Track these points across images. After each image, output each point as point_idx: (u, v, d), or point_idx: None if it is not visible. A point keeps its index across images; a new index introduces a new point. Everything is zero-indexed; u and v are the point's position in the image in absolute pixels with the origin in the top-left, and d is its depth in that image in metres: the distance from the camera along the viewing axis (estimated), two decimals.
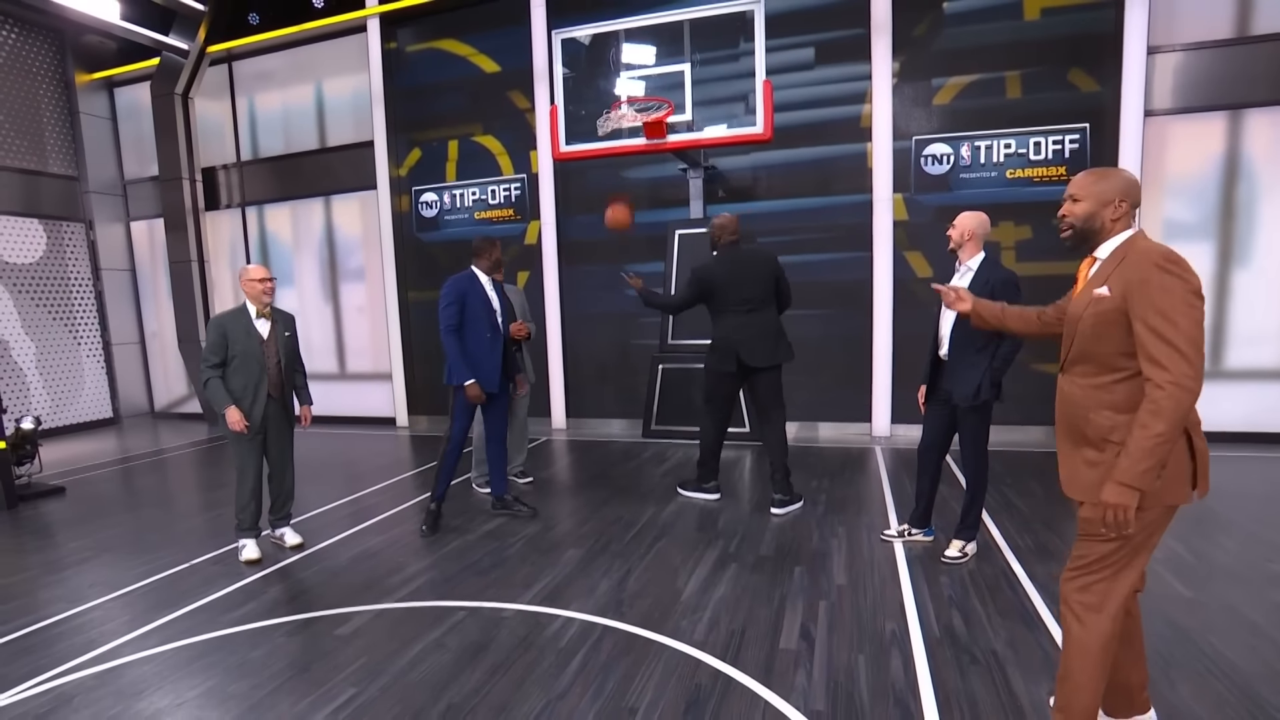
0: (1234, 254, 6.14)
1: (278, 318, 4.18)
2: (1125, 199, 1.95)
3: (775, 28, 6.66)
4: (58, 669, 2.89)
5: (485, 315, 4.48)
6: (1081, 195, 1.99)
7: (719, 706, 2.48)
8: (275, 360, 4.12)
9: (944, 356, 3.63)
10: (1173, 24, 6.07)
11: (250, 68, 9.04)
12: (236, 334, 4.00)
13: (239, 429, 3.96)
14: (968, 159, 6.62)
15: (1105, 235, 1.98)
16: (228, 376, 4.01)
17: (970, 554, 3.74)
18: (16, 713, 2.58)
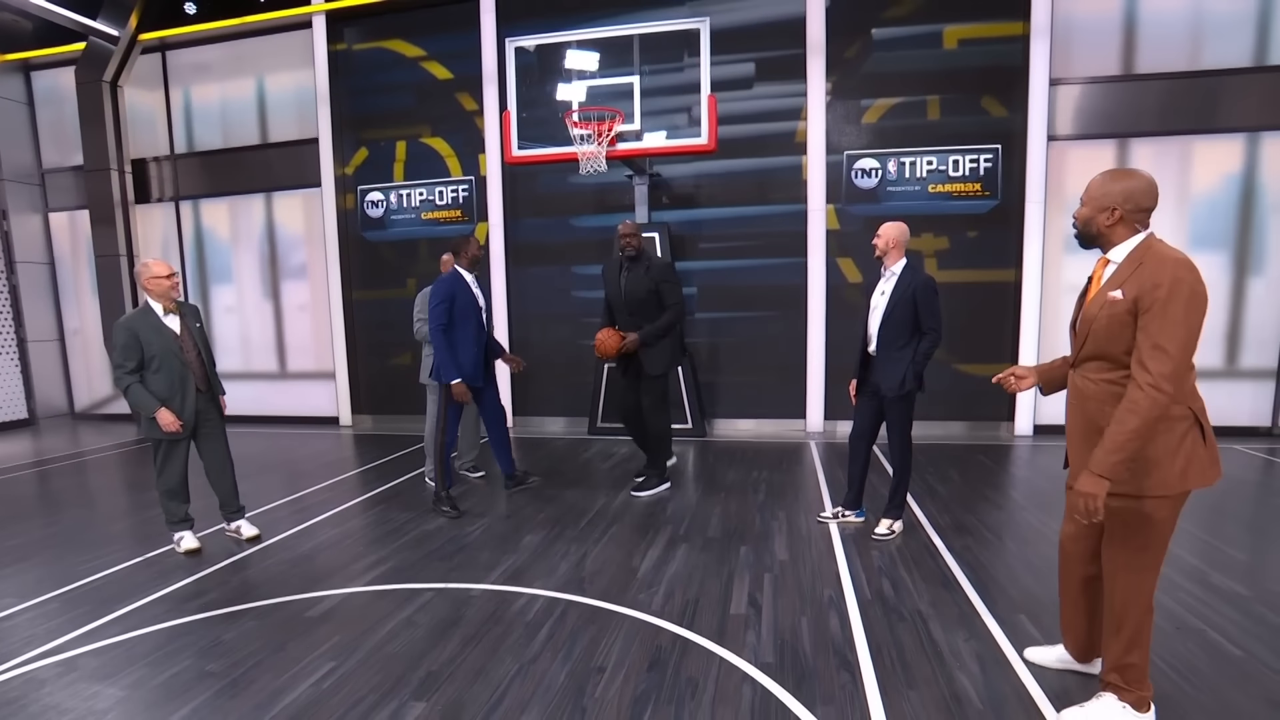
0: None
1: (184, 311, 4.07)
2: (1120, 206, 2.01)
3: (718, 44, 7.01)
4: (16, 659, 2.89)
5: (472, 313, 4.68)
6: (1085, 199, 2.11)
7: (679, 663, 2.73)
8: (195, 353, 4.05)
9: (873, 353, 4.00)
10: (1071, 60, 6.74)
11: (186, 58, 8.81)
12: (148, 335, 3.87)
13: (174, 429, 3.88)
14: (894, 174, 7.15)
15: (1106, 238, 2.08)
16: (148, 380, 3.90)
17: (897, 531, 4.13)
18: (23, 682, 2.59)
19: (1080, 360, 2.15)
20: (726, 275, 7.65)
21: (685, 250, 7.63)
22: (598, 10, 7.47)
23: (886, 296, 3.93)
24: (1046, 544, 3.97)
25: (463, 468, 5.79)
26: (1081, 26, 6.71)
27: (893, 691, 2.50)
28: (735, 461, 6.22)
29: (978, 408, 7.19)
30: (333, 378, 8.51)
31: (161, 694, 2.57)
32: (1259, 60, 6.48)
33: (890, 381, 3.90)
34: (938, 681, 2.56)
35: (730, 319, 7.69)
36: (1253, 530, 4.20)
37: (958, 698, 2.46)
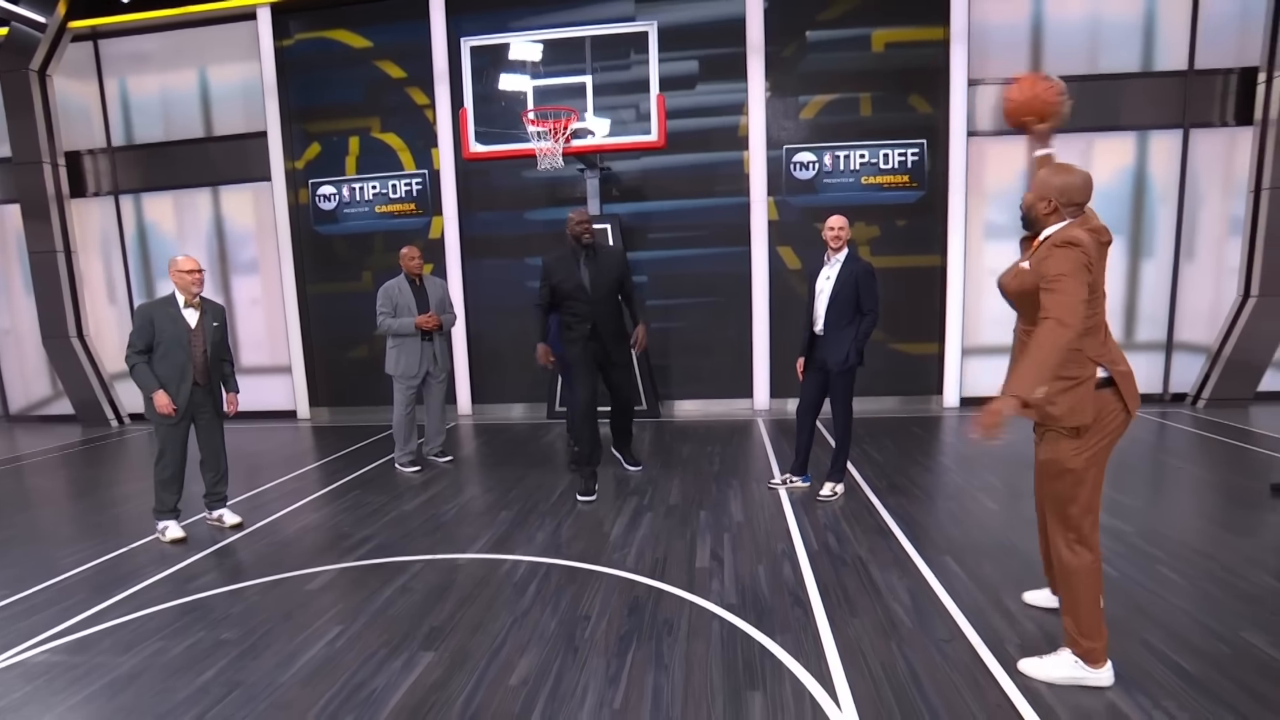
0: None
1: (207, 308, 4.31)
2: (1055, 198, 2.33)
3: (663, 42, 7.35)
4: (31, 640, 3.04)
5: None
6: (1033, 187, 2.42)
7: (655, 608, 3.11)
8: (202, 349, 4.25)
9: (819, 332, 4.45)
10: (987, 62, 7.36)
11: (121, 48, 8.59)
12: (162, 322, 4.13)
13: (167, 412, 4.11)
14: (830, 166, 7.65)
15: (1041, 223, 2.39)
16: (154, 363, 4.14)
17: (839, 493, 4.61)
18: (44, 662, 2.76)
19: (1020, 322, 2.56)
20: (675, 264, 8.04)
21: (636, 241, 7.97)
22: (545, 4, 7.70)
23: (832, 281, 4.37)
24: (969, 499, 4.52)
25: (430, 453, 6.02)
26: (995, 32, 7.33)
27: (839, 620, 2.94)
28: (689, 439, 6.64)
29: (910, 382, 7.81)
30: (289, 371, 8.54)
31: (186, 659, 2.80)
32: (1146, 66, 7.23)
33: (836, 357, 4.35)
34: (876, 610, 3.02)
35: (680, 305, 8.09)
36: (1142, 480, 4.86)
37: (892, 622, 2.91)
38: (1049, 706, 2.29)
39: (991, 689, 2.41)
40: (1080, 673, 2.40)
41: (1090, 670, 2.39)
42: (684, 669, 2.61)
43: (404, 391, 5.67)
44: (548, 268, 4.79)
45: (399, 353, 5.63)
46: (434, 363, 5.71)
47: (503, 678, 2.58)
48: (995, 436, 2.17)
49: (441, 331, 5.74)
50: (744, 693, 2.44)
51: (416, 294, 5.61)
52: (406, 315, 5.55)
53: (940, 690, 2.41)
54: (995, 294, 2.77)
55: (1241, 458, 5.33)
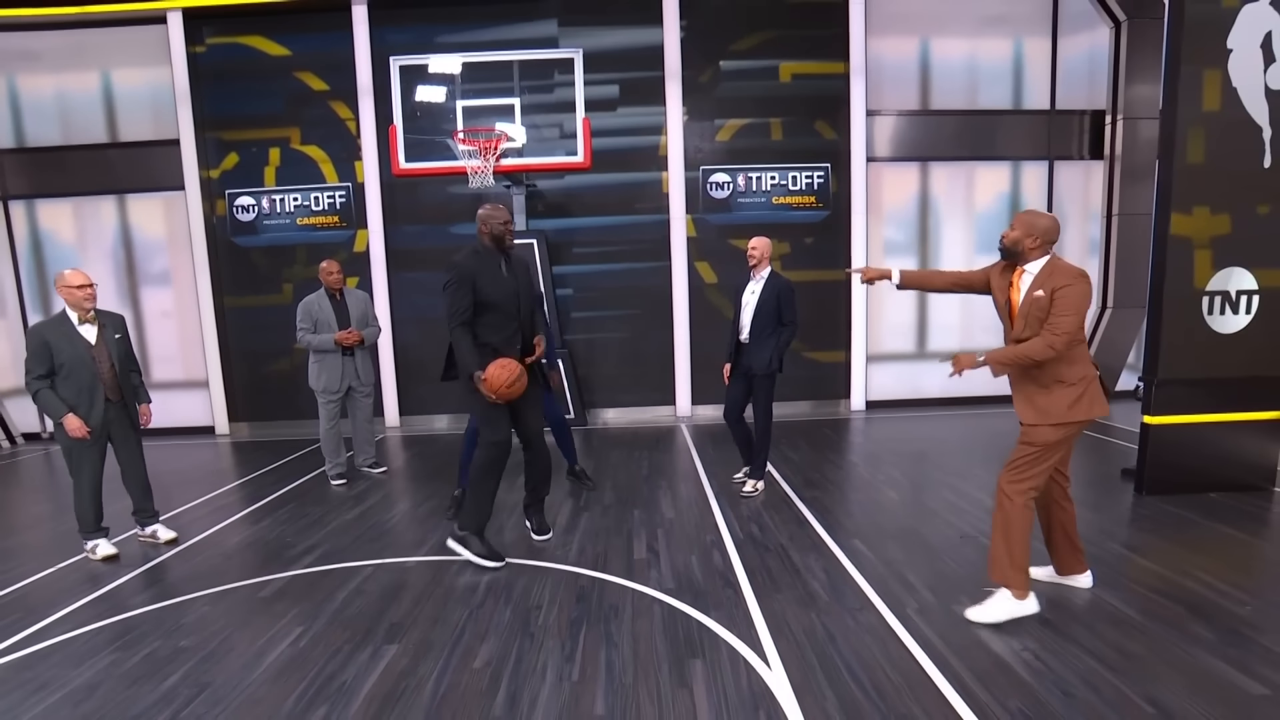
0: (928, 265, 8.35)
1: (105, 320, 4.19)
2: (1042, 236, 2.84)
3: (586, 64, 7.69)
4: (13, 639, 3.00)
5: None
6: (1016, 226, 2.89)
7: (600, 595, 3.40)
8: (108, 364, 4.13)
9: (744, 340, 4.89)
10: (883, 95, 8.10)
11: (9, 43, 8.10)
12: (59, 342, 3.97)
13: (80, 435, 4.00)
14: (744, 187, 8.19)
15: (1026, 256, 2.89)
16: (58, 385, 4.00)
17: (760, 489, 5.04)
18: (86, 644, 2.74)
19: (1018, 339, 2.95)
20: (599, 278, 8.36)
21: (561, 256, 8.24)
22: (470, 20, 7.87)
23: (756, 295, 4.83)
24: (875, 491, 5.05)
25: (362, 465, 6.05)
26: (889, 68, 8.09)
27: (765, 596, 3.32)
28: (617, 445, 6.95)
29: (820, 388, 8.43)
30: (206, 386, 8.26)
31: (145, 667, 2.85)
32: (1016, 104, 8.17)
33: (760, 361, 4.80)
34: (797, 587, 3.42)
35: (604, 317, 8.41)
36: None
37: (811, 596, 3.32)
38: (940, 654, 2.74)
39: (895, 645, 2.83)
40: (1015, 606, 2.95)
41: (1020, 603, 2.96)
42: (632, 644, 2.91)
43: (327, 406, 5.69)
44: (465, 271, 3.66)
45: (320, 368, 5.63)
46: (356, 378, 5.74)
47: (467, 662, 2.80)
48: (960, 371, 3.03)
49: (364, 346, 5.79)
50: (686, 660, 2.77)
51: (337, 309, 5.62)
52: (326, 331, 5.55)
53: (854, 648, 2.82)
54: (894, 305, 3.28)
55: (1101, 448, 6.14)
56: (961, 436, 6.82)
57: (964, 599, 3.19)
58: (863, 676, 2.60)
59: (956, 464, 5.71)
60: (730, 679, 2.62)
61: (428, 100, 7.12)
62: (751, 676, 2.64)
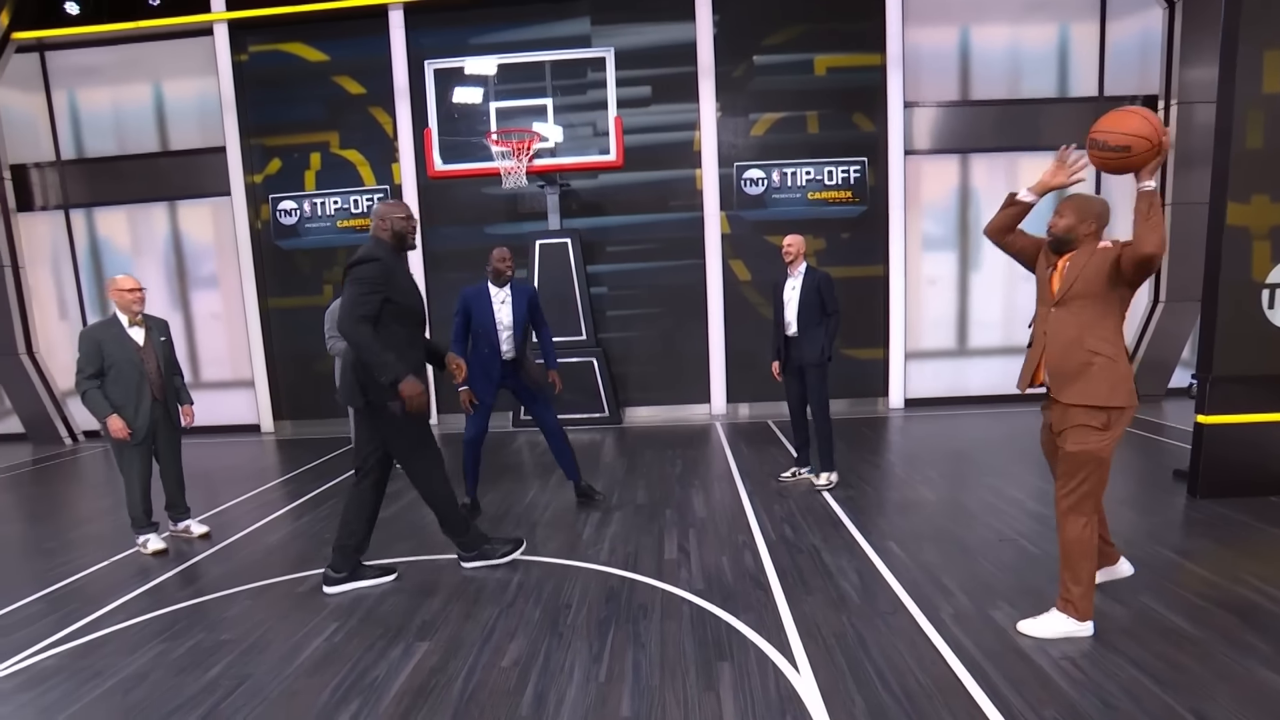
0: (969, 260, 8.15)
1: (151, 324, 4.38)
2: (1097, 221, 2.62)
3: (619, 62, 7.72)
4: (31, 648, 3.15)
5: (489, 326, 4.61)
6: (1067, 213, 2.66)
7: (630, 595, 3.40)
8: (155, 365, 4.32)
9: (792, 335, 4.90)
10: (921, 86, 7.92)
11: (70, 60, 8.49)
12: (110, 345, 4.16)
13: (122, 436, 4.17)
14: (778, 182, 8.10)
15: (1079, 243, 2.65)
16: (106, 386, 4.17)
17: (834, 481, 5.02)
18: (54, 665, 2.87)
19: (1065, 300, 2.72)
20: (633, 276, 8.37)
21: (595, 254, 8.27)
22: (503, 20, 7.94)
23: (798, 291, 4.89)
24: (911, 491, 4.95)
25: None
26: (928, 59, 7.90)
27: (795, 598, 3.28)
28: (650, 443, 6.95)
29: (859, 386, 8.30)
30: (251, 385, 8.53)
31: (191, 658, 2.96)
32: (1062, 92, 7.90)
33: (812, 352, 4.85)
34: (828, 589, 3.37)
35: (638, 315, 8.42)
36: None
37: (843, 598, 3.27)
38: (974, 660, 2.66)
39: (927, 650, 2.77)
40: (1071, 626, 2.78)
41: (1079, 624, 2.78)
42: (659, 645, 2.90)
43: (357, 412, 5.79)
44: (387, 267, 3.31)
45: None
46: None
47: (496, 660, 2.84)
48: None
49: None
50: (714, 663, 2.75)
51: None
52: None
53: (884, 652, 2.76)
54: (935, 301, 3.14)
55: (1152, 448, 5.91)
56: (1004, 436, 6.63)
57: (1001, 604, 3.10)
58: (893, 681, 2.55)
59: (998, 464, 5.56)
60: (758, 682, 2.60)
61: (462, 102, 7.22)
62: (779, 680, 2.61)
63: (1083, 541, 2.76)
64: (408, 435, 3.41)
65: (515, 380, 4.78)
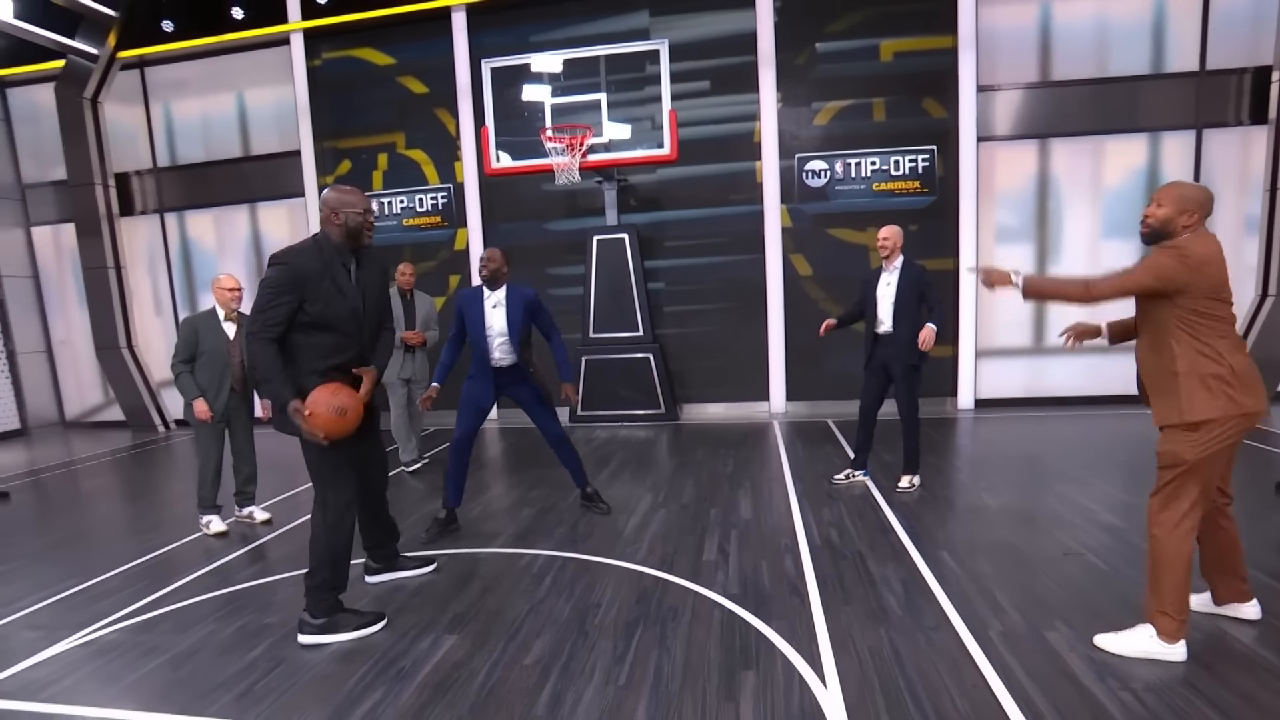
0: (1048, 252, 7.64)
1: (243, 321, 4.66)
2: (1199, 210, 2.40)
3: (677, 54, 7.63)
4: (101, 621, 3.37)
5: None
6: (1164, 202, 2.46)
7: (662, 596, 3.34)
8: (239, 358, 4.63)
9: (883, 332, 4.70)
10: (996, 68, 7.47)
11: (165, 74, 9.10)
12: (205, 334, 4.54)
13: (204, 418, 4.53)
14: (841, 173, 7.82)
15: (1177, 234, 2.43)
16: (196, 371, 4.54)
17: (917, 484, 4.83)
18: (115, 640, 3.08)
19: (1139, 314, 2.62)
20: (691, 272, 8.27)
21: (653, 249, 8.21)
22: (564, 16, 7.98)
23: (894, 286, 4.68)
24: (973, 497, 4.68)
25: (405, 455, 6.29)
26: (1005, 38, 7.44)
27: (832, 607, 3.14)
28: (705, 441, 6.85)
29: (925, 385, 7.85)
30: None
31: (236, 639, 3.10)
32: (1157, 68, 7.27)
33: (906, 352, 4.64)
34: (869, 599, 3.21)
35: (696, 311, 8.31)
36: (1139, 479, 4.95)
37: (884, 610, 3.10)
38: (1020, 685, 2.47)
39: (969, 670, 2.59)
40: (1155, 647, 2.55)
41: (1164, 645, 2.54)
42: (685, 650, 2.83)
43: (395, 396, 6.03)
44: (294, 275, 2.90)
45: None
46: (414, 373, 6.03)
47: (519, 657, 2.83)
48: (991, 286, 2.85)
49: (424, 347, 6.05)
50: (739, 672, 2.66)
51: (405, 308, 5.94)
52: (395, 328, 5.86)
53: (921, 670, 2.60)
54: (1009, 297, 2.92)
55: (1254, 457, 5.38)
56: (1083, 440, 6.19)
57: (1058, 624, 2.87)
58: (926, 703, 2.39)
59: (1072, 471, 5.18)
60: (781, 695, 2.49)
61: (519, 100, 7.30)
62: (804, 694, 2.49)
63: (1166, 549, 2.51)
64: (314, 457, 3.06)
65: (514, 389, 4.47)
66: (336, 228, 2.99)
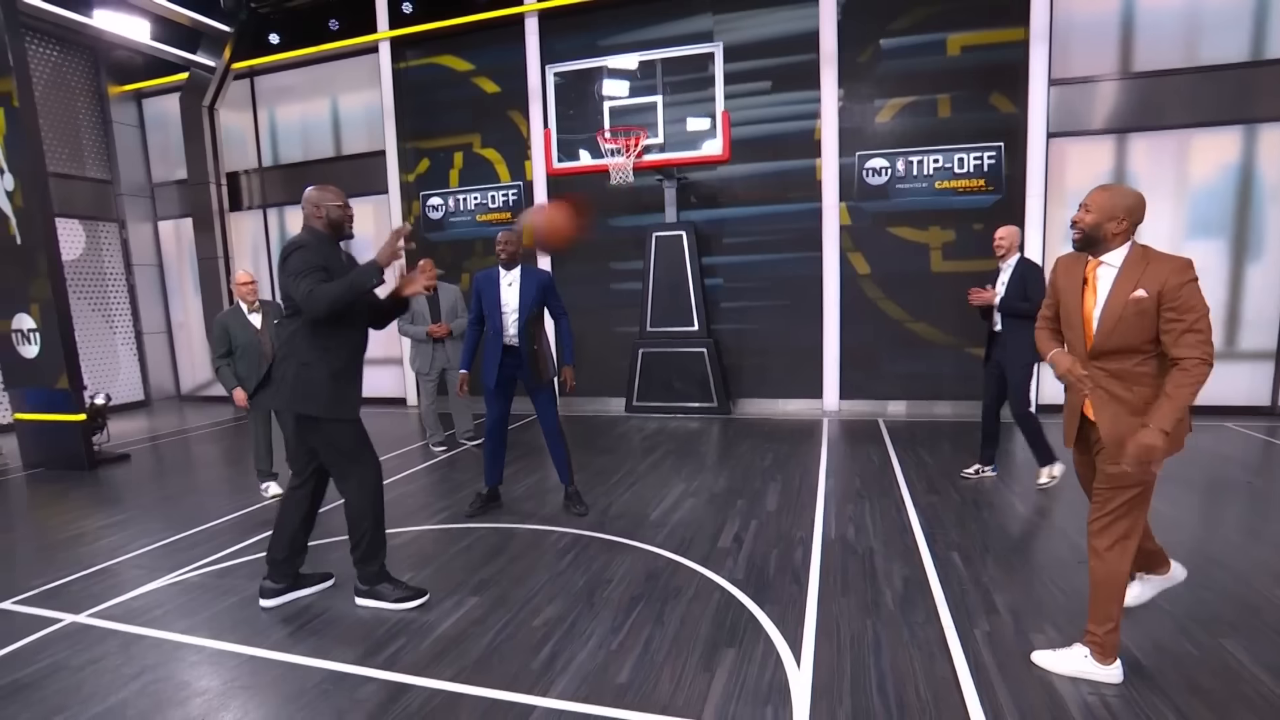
0: None
1: (266, 309, 5.18)
2: (1127, 218, 2.36)
3: (738, 54, 7.76)
4: (194, 564, 3.94)
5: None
6: (1092, 208, 2.41)
7: (669, 577, 3.58)
8: (269, 343, 5.10)
9: (997, 330, 4.81)
10: (1071, 60, 7.17)
11: (271, 83, 9.99)
12: (236, 329, 5.02)
13: (242, 405, 5.14)
14: (903, 171, 7.72)
15: (1107, 243, 2.39)
16: (236, 363, 5.08)
17: (1057, 475, 4.83)
18: (199, 582, 3.63)
19: (1099, 354, 2.43)
20: (748, 268, 8.37)
21: (711, 246, 8.38)
22: (630, 21, 8.23)
23: (1005, 286, 4.75)
24: (1003, 502, 4.65)
25: (460, 436, 6.82)
26: (1081, 29, 7.13)
27: (827, 597, 3.29)
28: (751, 435, 6.99)
29: None
30: (400, 363, 9.62)
31: None
32: (1256, 54, 6.79)
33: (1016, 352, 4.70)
34: (865, 592, 3.34)
35: (752, 308, 8.42)
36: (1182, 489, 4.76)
37: (877, 603, 3.23)
38: (989, 682, 2.57)
39: (943, 664, 2.70)
40: (1089, 667, 2.53)
41: (1098, 667, 2.52)
42: (677, 626, 3.06)
43: (425, 386, 6.60)
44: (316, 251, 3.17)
45: (415, 353, 6.59)
46: (447, 361, 6.51)
47: (528, 620, 3.15)
48: (1151, 470, 2.32)
49: (452, 337, 6.49)
50: (721, 647, 2.87)
51: (429, 301, 6.42)
52: (422, 321, 6.41)
53: (895, 660, 2.73)
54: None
55: None
56: None
57: (1047, 628, 2.93)
58: (890, 689, 2.54)
59: None
60: (755, 671, 2.69)
61: (580, 103, 7.62)
62: (777, 672, 2.68)
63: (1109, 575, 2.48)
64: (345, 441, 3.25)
65: (519, 369, 4.56)
66: (319, 220, 3.25)
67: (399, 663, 2.82)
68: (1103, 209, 2.39)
